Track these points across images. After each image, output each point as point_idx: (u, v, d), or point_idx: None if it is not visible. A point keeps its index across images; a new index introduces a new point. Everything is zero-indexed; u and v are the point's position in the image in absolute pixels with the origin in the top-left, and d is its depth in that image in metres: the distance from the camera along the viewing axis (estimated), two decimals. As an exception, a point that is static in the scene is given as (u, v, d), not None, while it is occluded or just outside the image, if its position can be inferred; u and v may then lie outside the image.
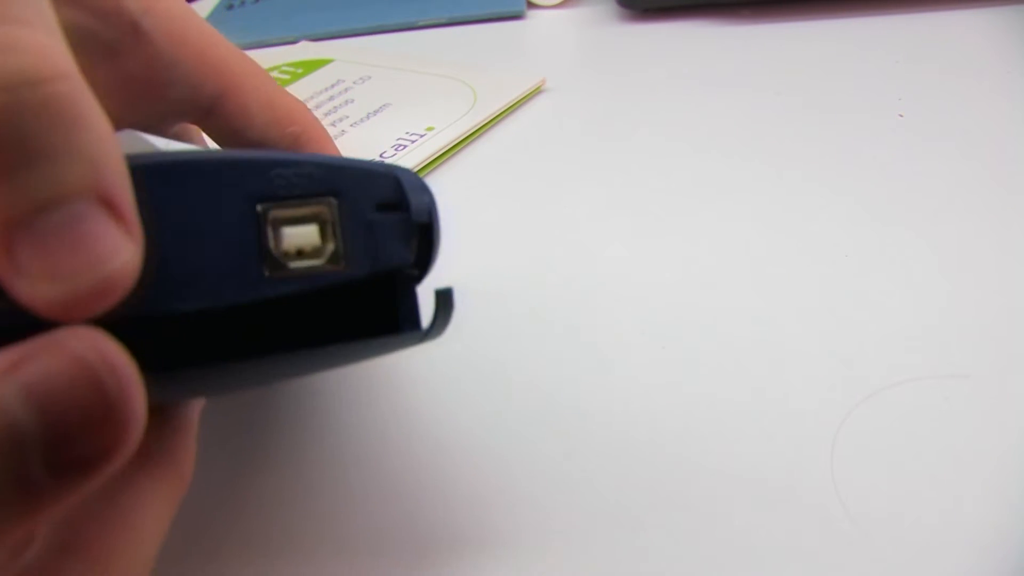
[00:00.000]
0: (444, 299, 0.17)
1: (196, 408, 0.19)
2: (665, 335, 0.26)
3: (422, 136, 0.38)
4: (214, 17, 0.59)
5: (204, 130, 0.24)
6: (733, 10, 0.46)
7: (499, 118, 0.40)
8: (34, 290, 0.13)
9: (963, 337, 0.25)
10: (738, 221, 0.31)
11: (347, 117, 0.41)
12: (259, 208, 0.15)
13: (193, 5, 0.63)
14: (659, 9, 0.47)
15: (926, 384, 0.24)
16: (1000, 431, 0.23)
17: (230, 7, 0.60)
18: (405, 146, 0.37)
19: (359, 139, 0.39)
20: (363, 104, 0.42)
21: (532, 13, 0.53)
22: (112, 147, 0.13)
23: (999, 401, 0.24)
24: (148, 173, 0.15)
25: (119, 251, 0.13)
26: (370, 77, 0.45)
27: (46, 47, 0.13)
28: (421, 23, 0.53)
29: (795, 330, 0.26)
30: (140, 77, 0.22)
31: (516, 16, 0.53)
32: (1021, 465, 0.22)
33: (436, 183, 0.30)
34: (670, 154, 0.36)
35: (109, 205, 0.13)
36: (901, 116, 0.36)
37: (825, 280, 0.28)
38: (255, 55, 0.53)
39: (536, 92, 0.42)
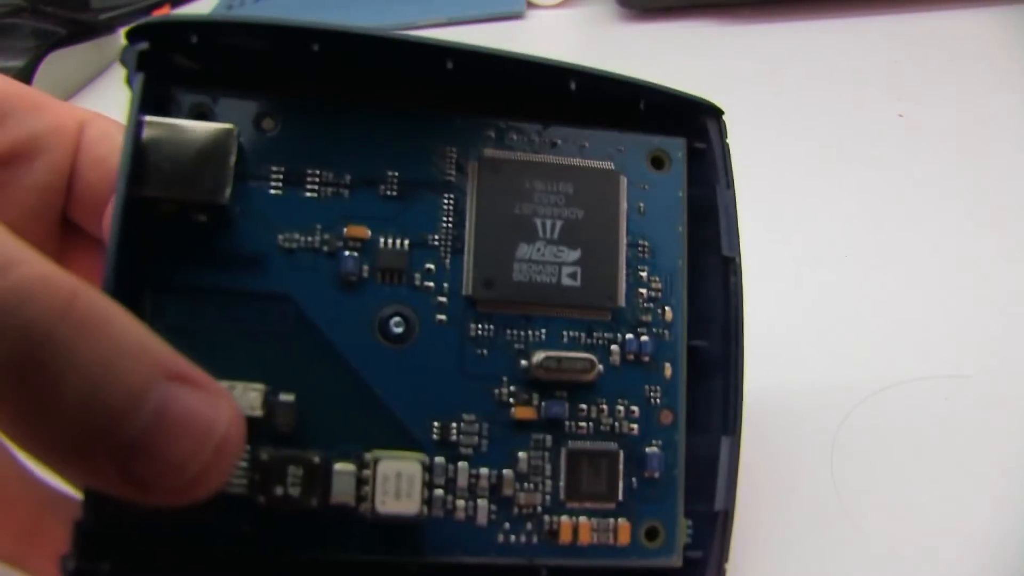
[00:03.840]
0: None
1: None
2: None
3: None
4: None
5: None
6: (733, 10, 0.46)
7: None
8: (169, 488, 0.13)
9: (963, 337, 0.25)
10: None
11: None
12: None
13: (192, 6, 0.63)
14: (659, 9, 0.47)
15: (926, 384, 0.24)
16: (1000, 431, 0.23)
17: (230, 7, 0.60)
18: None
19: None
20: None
21: (532, 13, 0.53)
22: (142, 330, 0.13)
23: (999, 401, 0.24)
24: None
25: (219, 411, 0.14)
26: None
27: (41, 278, 0.13)
28: (421, 23, 0.53)
29: (795, 330, 0.26)
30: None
31: (516, 16, 0.53)
32: (1021, 465, 0.22)
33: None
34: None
35: (181, 378, 0.13)
36: (901, 116, 0.36)
37: (824, 280, 0.28)
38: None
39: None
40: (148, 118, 0.17)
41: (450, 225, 0.19)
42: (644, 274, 0.20)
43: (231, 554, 0.17)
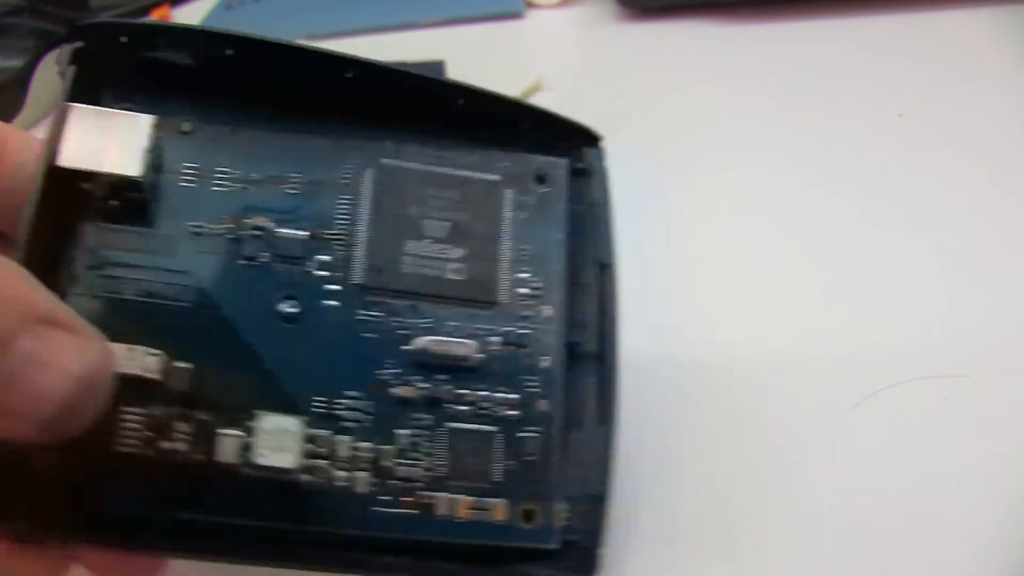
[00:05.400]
0: None
1: None
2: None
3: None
4: (213, 17, 0.59)
5: None
6: (733, 9, 0.46)
7: (498, 117, 0.40)
8: (38, 419, 0.14)
9: (963, 337, 0.25)
10: (737, 221, 0.31)
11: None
12: None
13: (191, 5, 0.63)
14: (659, 8, 0.47)
15: (926, 384, 0.24)
16: (1000, 431, 0.23)
17: (229, 7, 0.60)
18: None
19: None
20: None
21: (531, 12, 0.53)
22: (19, 280, 0.15)
23: (999, 401, 0.24)
24: None
25: (87, 351, 0.15)
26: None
27: None
28: (420, 22, 0.53)
29: (794, 330, 0.26)
30: None
31: (515, 15, 0.53)
32: (1021, 465, 0.22)
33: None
34: (668, 153, 0.36)
35: (54, 323, 0.15)
36: (901, 116, 0.36)
37: (824, 280, 0.28)
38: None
39: (535, 91, 0.42)
40: (73, 104, 0.19)
41: (346, 222, 0.21)
42: (525, 275, 0.22)
43: (115, 515, 0.18)
